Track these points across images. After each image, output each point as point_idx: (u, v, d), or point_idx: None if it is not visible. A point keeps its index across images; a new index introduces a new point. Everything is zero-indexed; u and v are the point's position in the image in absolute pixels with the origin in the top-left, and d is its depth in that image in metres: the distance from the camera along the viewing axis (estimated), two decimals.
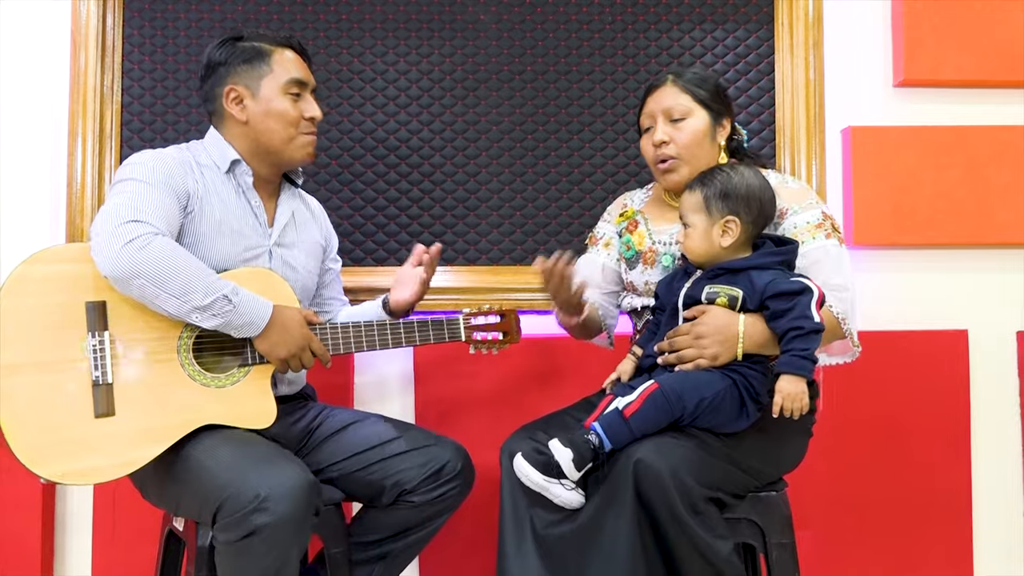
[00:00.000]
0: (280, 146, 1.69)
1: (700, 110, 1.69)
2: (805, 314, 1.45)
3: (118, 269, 1.46)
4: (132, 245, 1.45)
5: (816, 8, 2.28)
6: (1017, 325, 2.32)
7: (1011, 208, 2.28)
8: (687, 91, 1.69)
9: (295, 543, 1.42)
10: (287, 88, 1.69)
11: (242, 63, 1.68)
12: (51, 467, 1.42)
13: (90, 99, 2.19)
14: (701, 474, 1.43)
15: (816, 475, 2.11)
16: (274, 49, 1.71)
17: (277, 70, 1.69)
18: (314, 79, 1.76)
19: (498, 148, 2.28)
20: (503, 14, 2.29)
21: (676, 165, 1.69)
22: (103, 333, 1.49)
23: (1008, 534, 2.29)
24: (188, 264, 1.49)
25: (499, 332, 1.87)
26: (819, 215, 1.64)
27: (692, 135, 1.68)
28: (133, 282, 1.46)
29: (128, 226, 1.47)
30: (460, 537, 2.11)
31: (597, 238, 1.87)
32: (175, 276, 1.46)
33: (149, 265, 1.45)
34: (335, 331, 1.69)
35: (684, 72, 1.72)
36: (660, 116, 1.69)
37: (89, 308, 1.49)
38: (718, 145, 1.71)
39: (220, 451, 1.48)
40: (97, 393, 1.47)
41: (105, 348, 1.49)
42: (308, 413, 1.79)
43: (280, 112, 1.68)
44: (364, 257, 2.25)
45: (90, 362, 1.47)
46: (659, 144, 1.69)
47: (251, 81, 1.68)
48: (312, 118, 1.72)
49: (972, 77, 2.30)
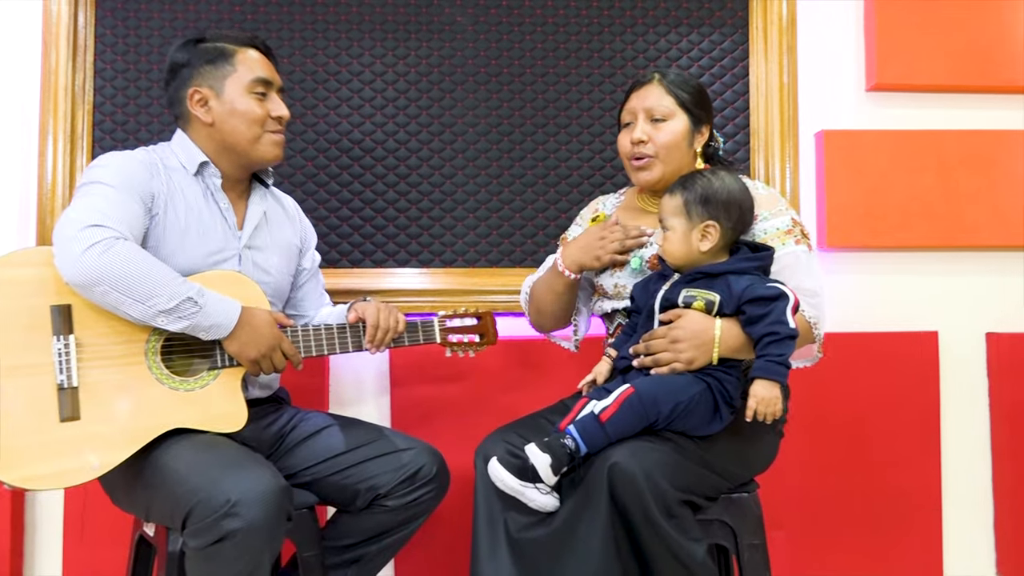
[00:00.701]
0: (247, 146, 1.67)
1: (682, 114, 1.70)
2: (781, 320, 1.46)
3: (80, 275, 1.44)
4: (93, 250, 1.44)
5: (790, 12, 2.30)
6: (986, 327, 2.35)
7: (980, 211, 2.31)
8: (671, 93, 1.70)
9: (266, 549, 1.41)
10: (252, 87, 1.67)
11: (205, 64, 1.67)
12: (16, 472, 1.41)
13: (61, 99, 2.16)
14: (675, 477, 1.43)
15: (787, 476, 2.13)
16: (238, 49, 1.68)
17: (241, 70, 1.67)
18: (280, 79, 1.74)
19: (474, 150, 2.28)
20: (480, 16, 2.29)
21: (651, 164, 1.70)
22: (68, 336, 1.47)
23: (977, 533, 2.33)
24: (151, 268, 1.48)
25: (476, 334, 1.87)
26: (788, 221, 1.66)
27: (671, 137, 1.69)
28: (96, 288, 1.45)
29: (89, 231, 1.45)
30: (435, 540, 2.11)
31: (568, 240, 1.88)
32: (138, 281, 1.45)
33: (111, 270, 1.44)
34: (307, 333, 1.68)
35: (670, 73, 1.73)
36: (642, 114, 1.70)
37: (54, 311, 1.47)
38: (694, 151, 1.73)
39: (190, 455, 1.47)
40: (62, 397, 1.45)
41: (71, 352, 1.47)
42: (281, 416, 1.77)
43: (245, 112, 1.66)
44: (340, 259, 2.24)
45: (55, 366, 1.46)
46: (637, 142, 1.70)
47: (215, 82, 1.66)
48: (279, 117, 1.70)
49: (943, 82, 2.33)
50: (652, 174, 1.71)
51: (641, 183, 1.75)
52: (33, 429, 1.43)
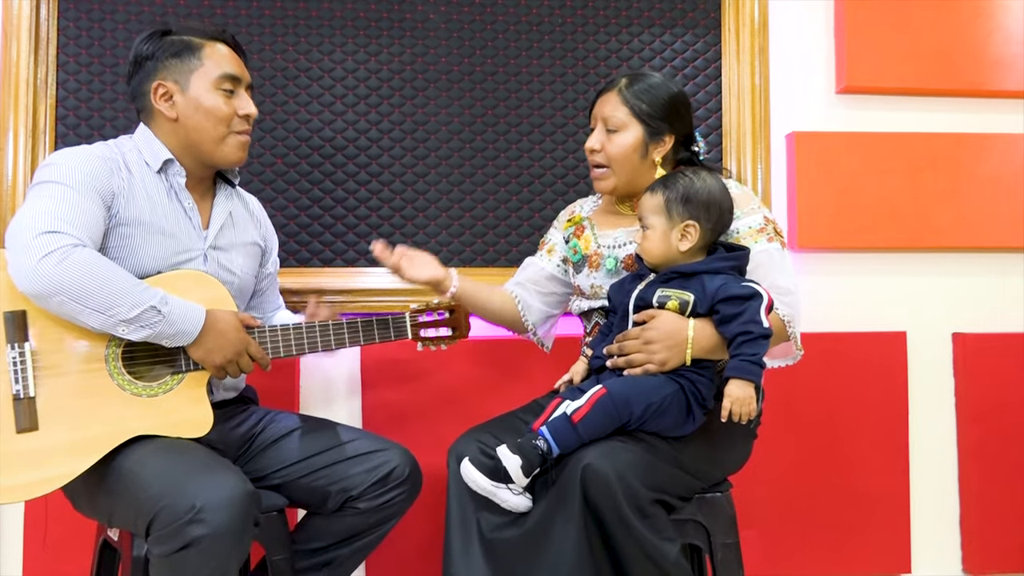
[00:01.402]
0: (211, 146, 1.61)
1: (636, 125, 1.67)
2: (754, 319, 1.46)
3: (36, 285, 1.38)
4: (50, 259, 1.37)
5: (762, 14, 2.32)
6: (953, 327, 2.38)
7: (947, 213, 2.34)
8: (627, 103, 1.67)
9: (233, 555, 1.37)
10: (219, 83, 1.61)
11: (171, 57, 1.60)
12: None
13: (22, 93, 2.11)
14: (648, 477, 1.43)
15: (758, 475, 2.14)
16: (205, 43, 1.62)
17: (208, 64, 1.61)
18: (249, 75, 1.69)
19: (447, 149, 2.26)
20: (452, 14, 2.27)
21: (603, 174, 1.71)
22: (23, 344, 1.42)
23: (943, 531, 2.36)
24: (111, 276, 1.42)
25: (448, 328, 1.85)
26: (761, 219, 1.66)
27: (620, 149, 1.68)
28: (52, 299, 1.39)
29: (44, 238, 1.38)
30: (407, 540, 2.09)
31: (546, 242, 1.89)
32: (97, 290, 1.39)
33: (69, 280, 1.37)
34: (275, 334, 1.64)
35: (636, 81, 1.69)
36: (600, 122, 1.71)
37: (8, 318, 1.42)
38: (652, 161, 1.69)
39: (153, 460, 1.42)
40: (18, 407, 1.40)
41: (26, 360, 1.41)
42: (250, 418, 1.74)
43: (211, 109, 1.60)
44: (310, 258, 2.21)
45: (10, 375, 1.40)
46: (590, 151, 1.71)
47: (180, 76, 1.60)
48: (247, 115, 1.64)
49: (911, 85, 2.36)
50: (606, 184, 1.72)
51: (598, 191, 1.77)
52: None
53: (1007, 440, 2.32)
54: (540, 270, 1.85)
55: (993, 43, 2.36)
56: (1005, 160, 2.36)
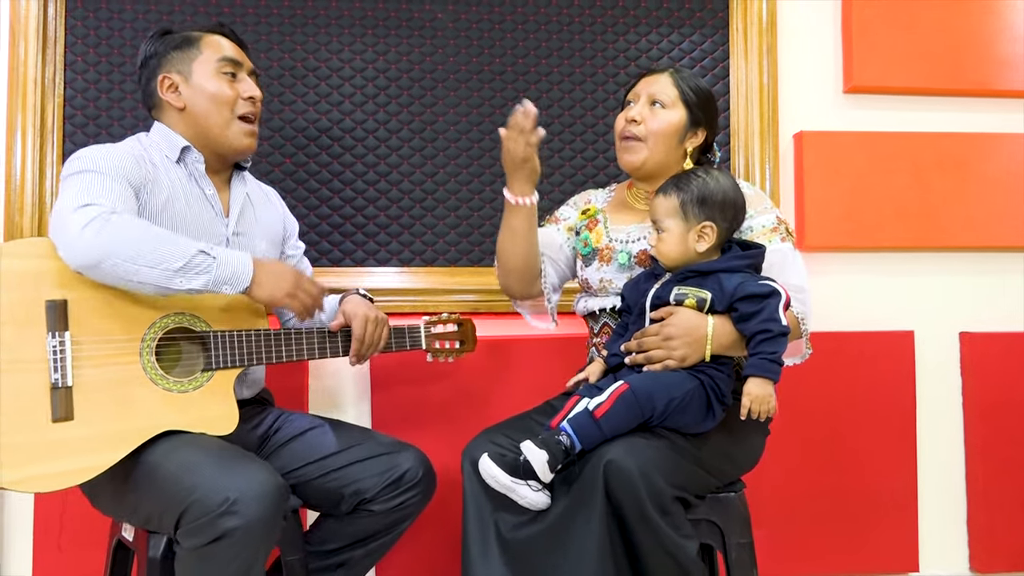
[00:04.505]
0: (218, 132, 1.65)
1: (682, 107, 1.70)
2: (773, 317, 1.46)
3: (84, 256, 1.39)
4: (91, 228, 1.38)
5: (770, 14, 2.32)
6: (960, 326, 2.39)
7: (954, 213, 2.35)
8: (678, 87, 1.70)
9: (262, 548, 1.38)
10: (220, 67, 1.65)
11: (172, 50, 1.66)
12: (5, 473, 1.35)
13: (30, 92, 2.10)
14: (670, 474, 1.43)
15: (767, 473, 2.13)
16: (204, 34, 1.69)
17: (207, 52, 1.66)
18: (250, 63, 1.72)
19: (456, 148, 2.26)
20: (461, 13, 2.27)
21: (637, 147, 1.70)
22: (63, 333, 1.42)
23: (951, 529, 2.36)
24: (154, 232, 1.43)
25: (457, 340, 1.87)
26: (774, 219, 1.67)
27: (663, 125, 1.69)
28: (103, 265, 1.39)
29: (81, 212, 1.40)
30: (418, 542, 2.08)
31: (560, 218, 1.86)
32: (145, 246, 1.39)
33: (114, 242, 1.38)
34: (288, 337, 1.65)
35: (684, 71, 1.74)
36: (644, 96, 1.71)
37: (49, 307, 1.42)
38: (684, 149, 1.72)
39: (182, 454, 1.43)
40: (56, 396, 1.40)
41: (66, 349, 1.42)
42: (267, 418, 1.74)
43: (215, 93, 1.64)
44: (319, 258, 2.21)
45: (49, 364, 1.41)
46: (630, 120, 1.70)
47: (183, 66, 1.65)
48: (251, 98, 1.68)
49: (919, 85, 2.37)
50: (636, 156, 1.70)
51: (624, 164, 1.75)
52: (24, 429, 1.37)
53: (1014, 439, 2.33)
54: (556, 240, 1.81)
55: (1000, 42, 2.37)
56: (1013, 160, 2.37)
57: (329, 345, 1.69)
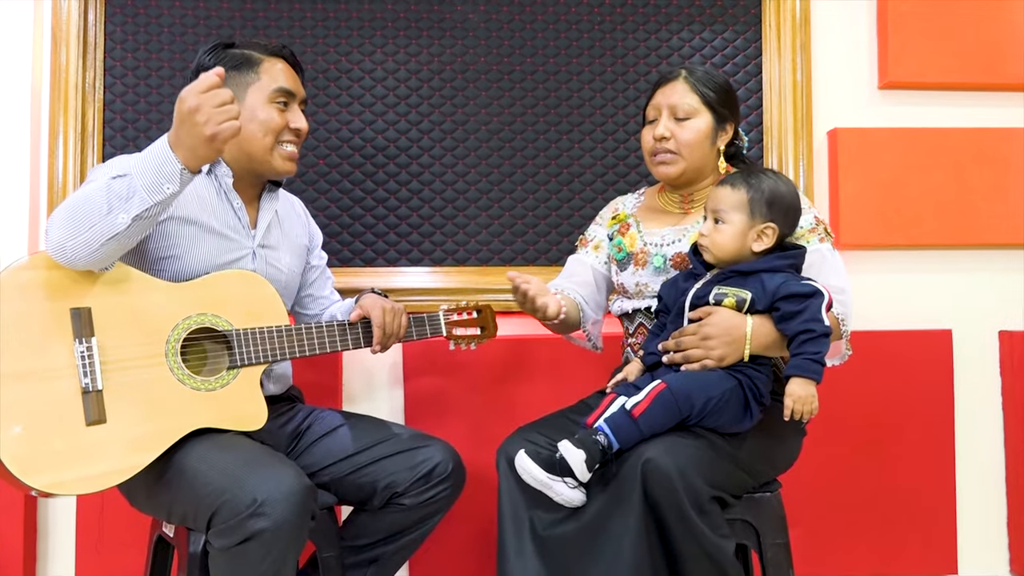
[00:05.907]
0: (262, 155, 1.66)
1: (705, 112, 1.69)
2: (816, 317, 1.45)
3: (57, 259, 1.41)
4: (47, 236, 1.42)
5: (803, 10, 2.30)
6: (999, 325, 2.35)
7: (993, 209, 2.31)
8: (696, 90, 1.69)
9: (292, 548, 1.40)
10: (274, 97, 1.66)
11: (230, 69, 1.65)
12: (43, 477, 1.38)
13: (71, 97, 2.14)
14: (708, 474, 1.42)
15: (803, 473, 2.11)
16: (264, 58, 1.68)
17: (264, 79, 1.67)
18: (304, 91, 1.74)
19: (487, 148, 2.27)
20: (492, 13, 2.28)
21: (672, 160, 1.70)
22: (90, 339, 1.45)
23: (991, 531, 2.33)
24: (73, 200, 1.41)
25: (477, 327, 1.89)
26: (812, 219, 1.66)
27: (693, 135, 1.68)
28: (69, 255, 1.40)
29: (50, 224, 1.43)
30: (450, 538, 2.10)
31: (588, 240, 1.87)
32: (79, 211, 1.38)
33: (57, 234, 1.39)
34: (310, 331, 1.67)
35: (696, 70, 1.72)
36: (666, 110, 1.70)
37: (74, 314, 1.45)
38: (717, 149, 1.72)
39: (213, 455, 1.46)
40: (87, 401, 1.43)
41: (93, 354, 1.45)
42: (297, 415, 1.77)
43: (264, 120, 1.65)
44: (352, 258, 2.23)
45: (79, 369, 1.44)
46: (659, 138, 1.70)
47: (238, 88, 1.65)
48: (296, 129, 1.69)
49: (955, 80, 2.33)
50: (673, 168, 1.71)
51: (661, 176, 1.75)
52: (59, 434, 1.40)
53: None
54: (588, 268, 1.83)
55: None
56: None
57: (351, 337, 1.71)
